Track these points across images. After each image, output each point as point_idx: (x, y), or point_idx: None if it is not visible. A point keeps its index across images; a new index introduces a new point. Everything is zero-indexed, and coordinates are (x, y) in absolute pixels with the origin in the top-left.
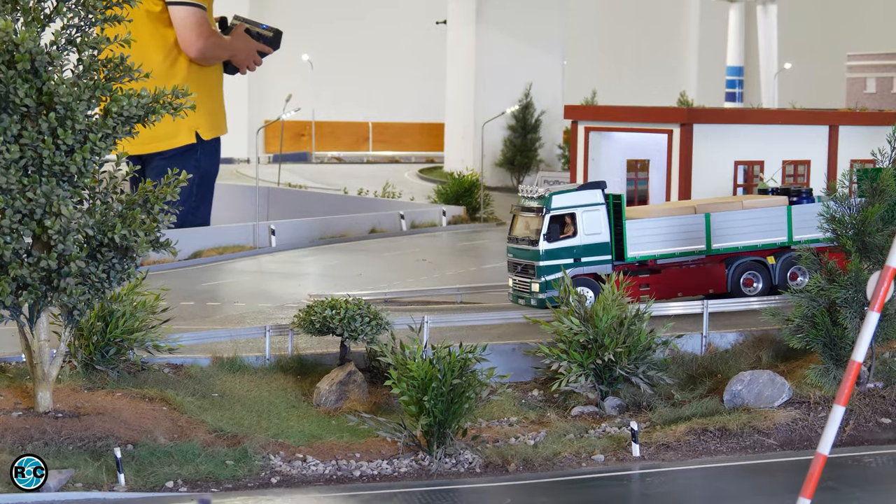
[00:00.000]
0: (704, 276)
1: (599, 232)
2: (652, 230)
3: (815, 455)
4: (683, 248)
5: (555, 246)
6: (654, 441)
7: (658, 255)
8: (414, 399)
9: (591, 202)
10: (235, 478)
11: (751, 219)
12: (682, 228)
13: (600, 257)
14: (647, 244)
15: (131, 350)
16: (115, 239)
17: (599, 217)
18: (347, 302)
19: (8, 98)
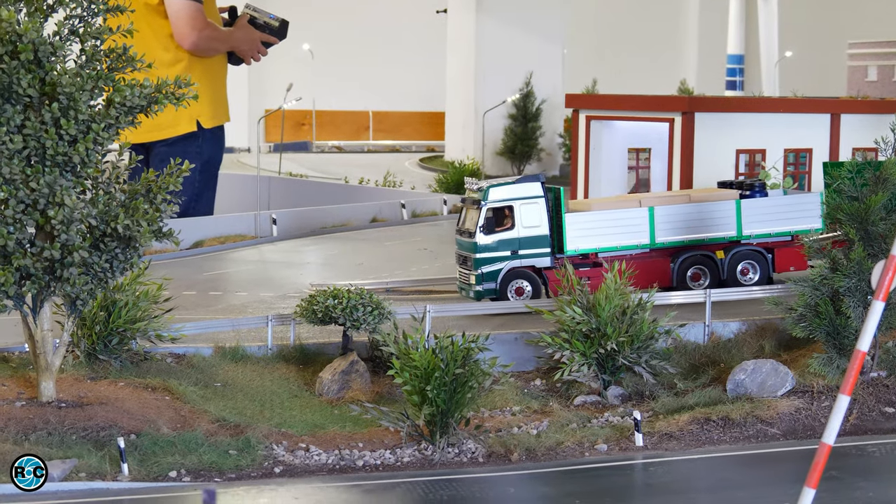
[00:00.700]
0: (648, 270)
1: (538, 225)
2: (593, 223)
3: (820, 445)
4: (626, 241)
5: (492, 239)
6: (657, 430)
7: (599, 249)
8: (417, 388)
9: (530, 195)
10: (238, 467)
11: (697, 213)
12: (625, 222)
13: (539, 250)
14: (588, 237)
15: (134, 340)
16: (118, 229)
17: (538, 210)
18: (349, 291)
19: (11, 88)
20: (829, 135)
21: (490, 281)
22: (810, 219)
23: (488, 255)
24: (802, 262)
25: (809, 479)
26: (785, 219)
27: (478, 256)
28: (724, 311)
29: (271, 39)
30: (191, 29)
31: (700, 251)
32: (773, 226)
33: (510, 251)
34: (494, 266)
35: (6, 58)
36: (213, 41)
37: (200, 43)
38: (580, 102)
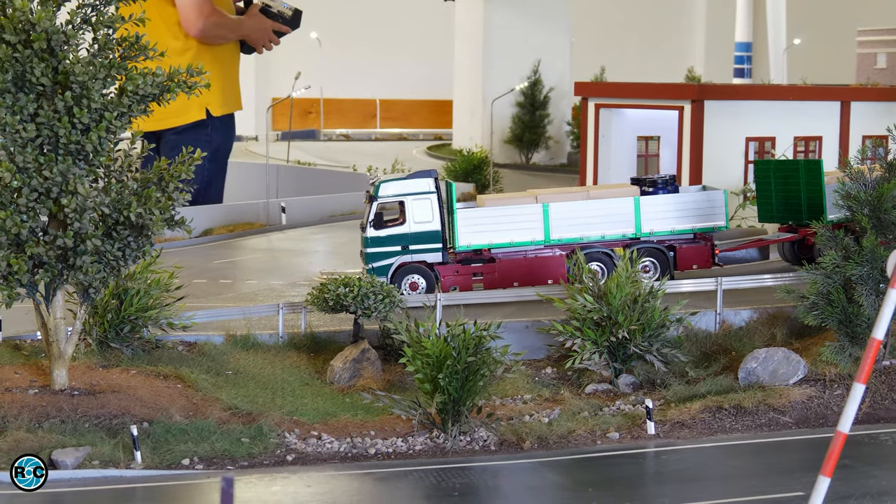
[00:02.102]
0: (543, 267)
1: (429, 220)
2: (485, 219)
3: (835, 433)
4: (519, 238)
5: (382, 233)
6: (669, 419)
7: (492, 245)
8: (428, 377)
9: (421, 190)
10: (251, 455)
11: (595, 210)
12: (519, 218)
13: (430, 245)
14: (481, 233)
15: (145, 328)
16: (131, 217)
17: (429, 205)
18: (360, 279)
19: (24, 77)
20: (839, 123)
21: (381, 275)
22: (714, 217)
23: (379, 250)
24: (706, 260)
25: (824, 468)
26: (687, 216)
27: (369, 251)
28: (736, 299)
29: (283, 28)
30: (197, 16)
31: (597, 248)
32: (674, 223)
33: (401, 246)
34: (385, 261)
35: (20, 46)
36: (220, 28)
37: (207, 30)
38: (589, 90)
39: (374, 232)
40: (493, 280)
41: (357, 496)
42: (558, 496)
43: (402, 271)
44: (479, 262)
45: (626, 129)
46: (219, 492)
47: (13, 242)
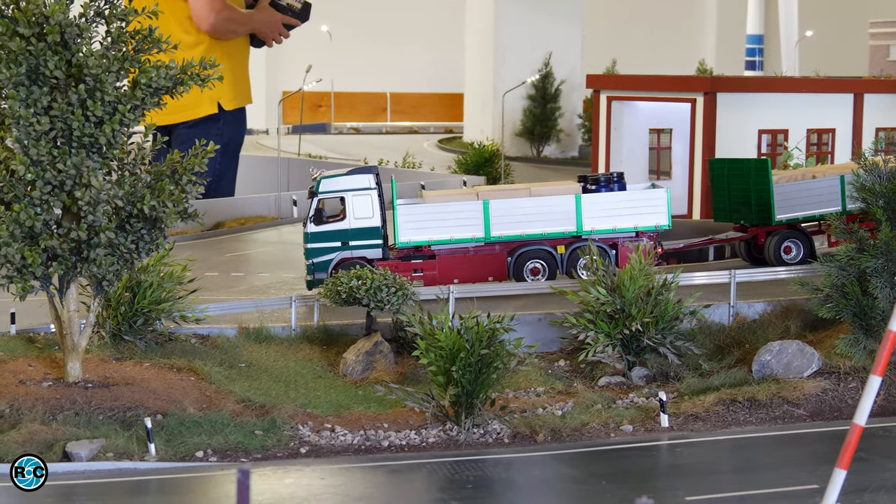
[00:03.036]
0: (483, 264)
1: (369, 216)
2: (425, 216)
3: (851, 426)
4: (460, 234)
5: (322, 229)
6: (683, 411)
7: (432, 242)
8: (442, 369)
9: (361, 186)
10: (265, 448)
11: (535, 207)
12: (459, 215)
13: (370, 241)
14: (421, 230)
15: (158, 320)
16: (144, 210)
17: (369, 202)
18: (373, 272)
19: (38, 70)
20: (852, 115)
21: (321, 271)
22: (656, 215)
23: (319, 246)
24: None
25: (840, 461)
26: (629, 215)
27: (309, 246)
28: (750, 291)
29: (293, 22)
30: (209, 11)
31: (539, 245)
32: (615, 222)
33: (341, 242)
34: (326, 256)
35: (33, 39)
36: (231, 23)
37: (218, 25)
38: (601, 83)
39: (315, 227)
40: (433, 276)
41: (371, 488)
42: (572, 489)
43: (342, 267)
44: (419, 258)
45: (638, 121)
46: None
47: (27, 235)
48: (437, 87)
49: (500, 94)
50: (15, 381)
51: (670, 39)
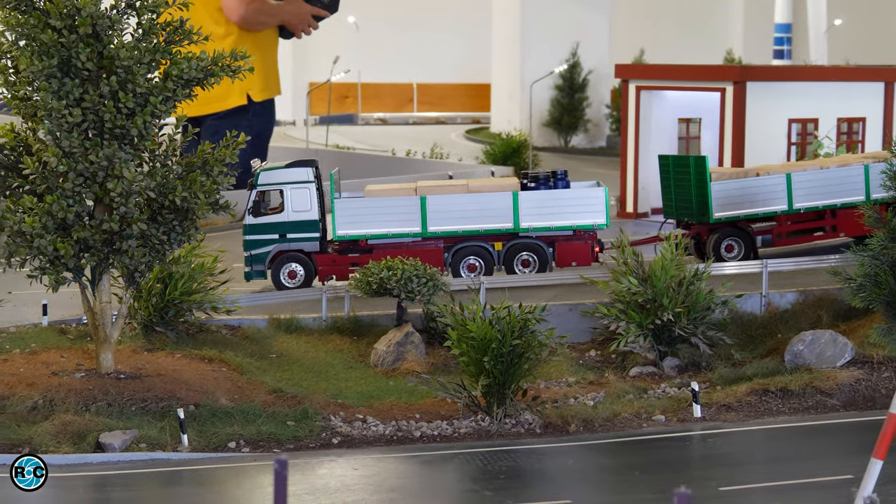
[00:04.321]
0: (420, 259)
1: (308, 209)
2: (363, 210)
3: (888, 416)
4: (397, 229)
5: (260, 221)
6: (715, 401)
7: (369, 236)
8: (473, 360)
9: (300, 180)
10: (297, 438)
11: (473, 203)
12: (396, 210)
13: (308, 234)
14: (358, 224)
15: (190, 311)
16: (176, 201)
17: (308, 195)
18: (404, 262)
19: (70, 62)
20: (883, 103)
21: (259, 263)
22: (594, 214)
23: (257, 238)
24: (585, 256)
25: (877, 451)
26: (566, 213)
27: (247, 238)
28: (781, 281)
29: (322, 13)
30: (239, 2)
31: (476, 241)
32: (552, 219)
33: (279, 234)
34: (263, 248)
35: (65, 32)
36: (261, 14)
37: (248, 16)
38: (630, 72)
39: (253, 220)
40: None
41: (403, 479)
42: (605, 479)
43: (280, 259)
44: (356, 252)
45: (667, 111)
46: (268, 474)
47: (59, 227)
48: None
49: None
50: (48, 373)
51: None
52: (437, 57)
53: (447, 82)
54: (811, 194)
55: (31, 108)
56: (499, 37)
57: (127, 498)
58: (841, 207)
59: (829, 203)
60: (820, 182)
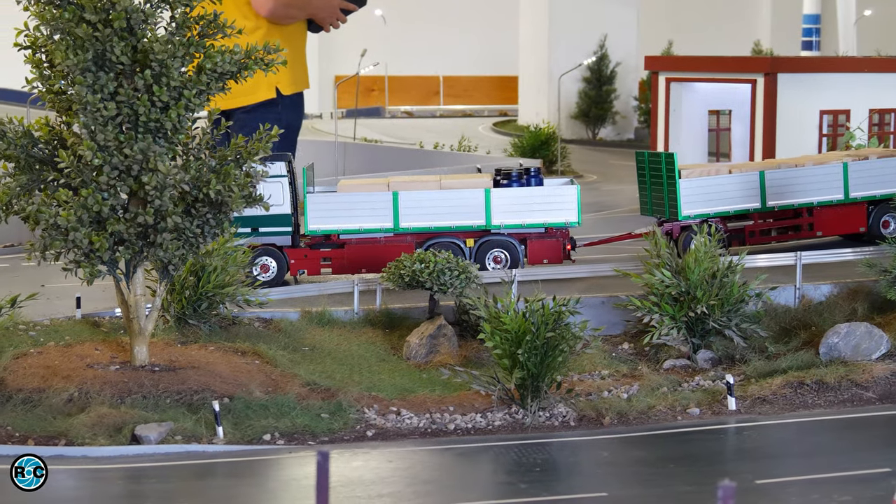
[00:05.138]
0: (392, 254)
1: (280, 203)
2: (335, 205)
3: None
4: (369, 224)
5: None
6: (750, 394)
7: (341, 231)
8: (507, 352)
9: (273, 174)
10: (331, 431)
11: (445, 200)
12: (368, 205)
13: (280, 228)
14: (330, 219)
15: (222, 304)
16: (210, 194)
17: (280, 189)
18: (436, 255)
19: (104, 56)
20: None
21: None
22: (566, 211)
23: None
24: (557, 254)
25: None
26: (538, 210)
27: None
28: (816, 273)
29: (350, 6)
30: None
31: (447, 238)
32: (524, 217)
33: (251, 228)
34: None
35: (100, 26)
36: (290, 8)
37: (277, 10)
38: (660, 64)
39: None
40: (341, 265)
41: (438, 471)
42: (640, 472)
43: (252, 253)
44: (328, 247)
45: (697, 103)
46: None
47: (94, 220)
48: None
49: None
50: (83, 365)
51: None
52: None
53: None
54: (785, 192)
55: (65, 102)
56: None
57: (163, 490)
58: (818, 206)
59: (804, 202)
60: (795, 180)
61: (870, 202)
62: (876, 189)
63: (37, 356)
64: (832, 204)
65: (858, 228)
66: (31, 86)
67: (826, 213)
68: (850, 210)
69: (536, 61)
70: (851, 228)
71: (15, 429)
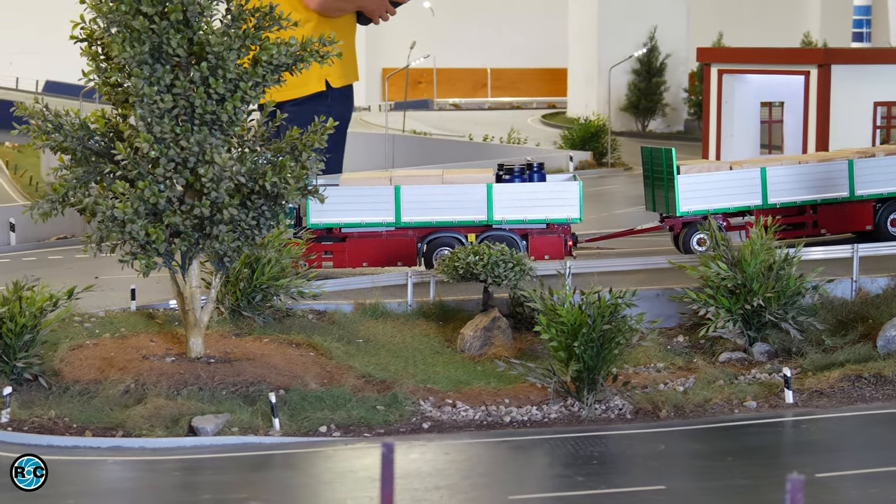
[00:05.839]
0: (393, 249)
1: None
2: (337, 199)
3: None
4: (371, 218)
5: None
6: (807, 387)
7: (342, 224)
8: (563, 345)
9: None
10: (387, 423)
11: (447, 195)
12: (370, 199)
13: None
14: (332, 213)
15: (276, 296)
16: (266, 186)
17: None
18: (490, 247)
19: (161, 49)
20: None
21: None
22: (567, 207)
23: None
24: (558, 250)
25: None
26: (539, 206)
27: None
28: (872, 265)
29: None
30: None
31: (449, 233)
32: (526, 212)
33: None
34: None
35: (156, 18)
36: (339, 1)
37: (327, 3)
38: (712, 56)
39: None
40: (342, 259)
41: (495, 464)
42: (698, 465)
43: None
44: (330, 240)
45: (749, 94)
46: (366, 458)
47: (151, 212)
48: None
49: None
50: (138, 357)
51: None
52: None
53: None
54: (788, 189)
55: (122, 95)
56: (575, 21)
57: (220, 482)
58: (822, 203)
59: (808, 199)
60: (798, 177)
61: (877, 200)
62: (883, 187)
63: (93, 348)
64: (837, 201)
65: (865, 227)
66: (87, 78)
67: (830, 211)
68: (855, 208)
69: (586, 53)
70: (857, 226)
71: (72, 420)
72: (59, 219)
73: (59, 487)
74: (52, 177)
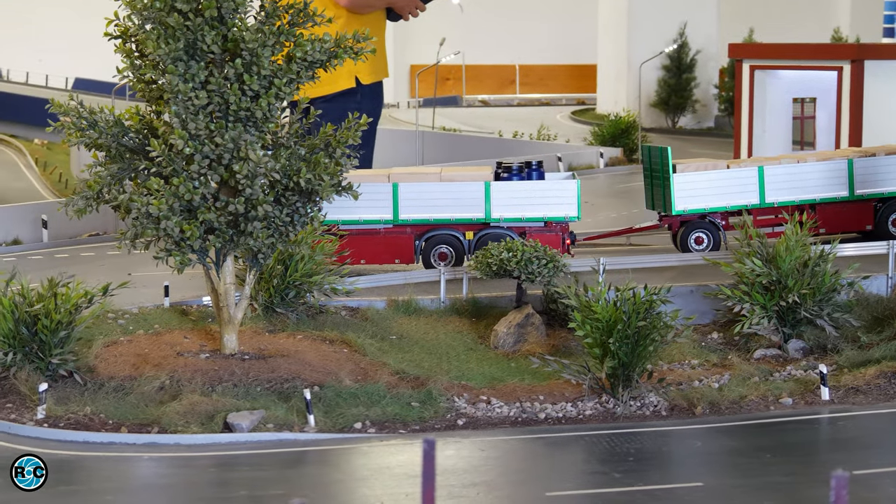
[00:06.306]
0: (390, 246)
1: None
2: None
3: None
4: (369, 216)
5: None
6: (843, 384)
7: (340, 221)
8: (598, 341)
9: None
10: (422, 419)
11: (444, 192)
12: (369, 196)
13: None
14: (330, 210)
15: (310, 293)
16: (300, 183)
17: None
18: (523, 244)
19: (195, 45)
20: None
21: None
22: (565, 206)
23: None
24: (556, 248)
25: None
26: (538, 205)
27: None
28: None
29: None
30: None
31: (447, 230)
32: (524, 211)
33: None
34: None
35: (191, 15)
36: None
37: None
38: (743, 52)
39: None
40: (340, 256)
41: (530, 460)
42: (735, 462)
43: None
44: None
45: (781, 90)
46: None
47: (185, 209)
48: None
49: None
50: (173, 353)
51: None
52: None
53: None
54: (786, 189)
55: (156, 92)
56: (605, 17)
57: (255, 478)
58: (820, 203)
59: (806, 198)
60: (796, 176)
61: (878, 200)
62: (883, 187)
63: (127, 344)
64: (836, 201)
65: (865, 226)
66: (121, 75)
67: (830, 210)
68: (855, 207)
69: (615, 49)
70: (857, 226)
71: (108, 416)
72: (92, 215)
73: (95, 484)
74: (86, 174)
